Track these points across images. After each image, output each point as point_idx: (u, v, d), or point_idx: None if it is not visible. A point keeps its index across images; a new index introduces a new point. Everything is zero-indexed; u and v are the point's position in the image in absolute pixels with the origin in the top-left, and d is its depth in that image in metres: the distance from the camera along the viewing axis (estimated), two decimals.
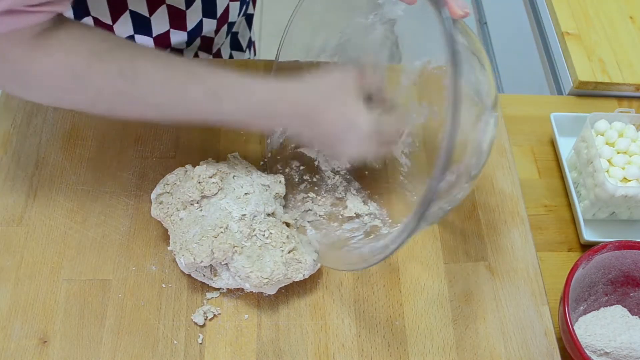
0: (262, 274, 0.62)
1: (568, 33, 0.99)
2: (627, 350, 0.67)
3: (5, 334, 0.62)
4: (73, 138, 0.75)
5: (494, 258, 0.70)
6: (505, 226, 0.73)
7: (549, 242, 0.79)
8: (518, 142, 0.87)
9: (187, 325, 0.64)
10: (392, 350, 0.64)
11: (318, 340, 0.64)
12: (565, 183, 0.83)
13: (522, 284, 0.69)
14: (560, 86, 0.99)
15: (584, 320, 0.70)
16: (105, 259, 0.67)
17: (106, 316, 0.63)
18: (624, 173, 0.78)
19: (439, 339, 0.65)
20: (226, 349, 0.63)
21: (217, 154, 0.75)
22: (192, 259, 0.62)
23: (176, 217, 0.65)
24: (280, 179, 0.70)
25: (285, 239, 0.64)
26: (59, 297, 0.64)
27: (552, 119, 0.86)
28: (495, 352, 0.64)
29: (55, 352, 0.61)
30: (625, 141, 0.80)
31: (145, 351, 0.62)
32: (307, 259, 0.64)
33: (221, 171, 0.66)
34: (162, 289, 0.66)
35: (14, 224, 0.68)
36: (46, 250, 0.67)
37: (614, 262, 0.70)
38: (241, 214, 0.64)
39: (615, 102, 0.94)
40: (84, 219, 0.69)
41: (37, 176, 0.72)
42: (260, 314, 0.65)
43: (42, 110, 0.77)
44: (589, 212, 0.79)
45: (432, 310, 0.66)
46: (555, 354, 0.65)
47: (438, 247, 0.71)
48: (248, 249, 0.63)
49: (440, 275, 0.69)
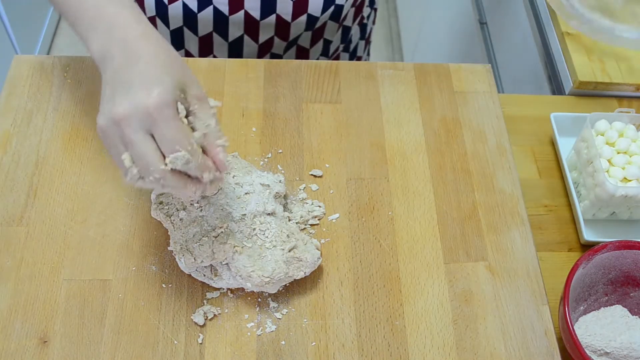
0: (263, 273, 0.62)
1: (568, 33, 0.99)
2: (627, 350, 0.67)
3: (5, 334, 0.62)
4: (73, 138, 0.75)
5: (494, 258, 0.70)
6: (505, 226, 0.73)
7: (549, 242, 0.79)
8: (518, 142, 0.87)
9: (187, 325, 0.64)
10: (392, 350, 0.64)
11: (318, 340, 0.64)
12: (565, 183, 0.83)
13: (522, 284, 0.69)
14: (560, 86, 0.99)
15: (584, 320, 0.70)
16: (105, 259, 0.67)
17: (106, 316, 0.63)
18: (624, 173, 0.78)
19: (439, 339, 0.65)
20: (226, 349, 0.63)
21: None
22: (193, 259, 0.62)
23: (176, 218, 0.65)
24: (280, 178, 0.70)
25: (286, 237, 0.64)
26: (59, 297, 0.64)
27: (552, 119, 0.86)
28: (495, 352, 0.64)
29: (55, 352, 0.61)
30: (625, 141, 0.80)
31: (145, 351, 0.62)
32: (308, 256, 0.64)
33: None
34: (162, 289, 0.66)
35: (14, 224, 0.68)
36: (46, 250, 0.67)
37: (614, 262, 0.70)
38: (241, 214, 0.64)
39: (615, 102, 0.94)
40: (84, 219, 0.69)
41: (37, 176, 0.72)
42: (261, 314, 0.65)
43: (42, 110, 0.77)
44: (589, 212, 0.79)
45: (432, 310, 0.66)
46: (555, 354, 0.65)
47: (438, 247, 0.71)
48: (249, 248, 0.63)
49: (440, 275, 0.69)
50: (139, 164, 0.53)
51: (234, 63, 0.83)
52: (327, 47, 0.98)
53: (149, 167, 0.53)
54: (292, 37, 0.92)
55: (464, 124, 0.81)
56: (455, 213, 0.73)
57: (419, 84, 0.84)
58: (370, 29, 1.07)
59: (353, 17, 0.97)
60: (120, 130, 0.52)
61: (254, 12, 0.87)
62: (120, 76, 0.54)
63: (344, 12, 0.92)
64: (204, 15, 0.88)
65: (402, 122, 0.80)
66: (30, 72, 0.80)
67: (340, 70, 0.84)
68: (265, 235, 0.64)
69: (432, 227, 0.72)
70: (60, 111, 0.77)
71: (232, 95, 0.81)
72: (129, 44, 0.55)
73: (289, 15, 0.88)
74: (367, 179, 0.75)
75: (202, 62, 0.83)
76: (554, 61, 1.03)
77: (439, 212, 0.73)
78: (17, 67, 0.80)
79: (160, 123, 0.52)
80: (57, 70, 0.81)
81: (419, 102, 0.82)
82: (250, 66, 0.83)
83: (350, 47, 1.03)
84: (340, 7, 0.90)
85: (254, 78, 0.82)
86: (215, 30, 0.90)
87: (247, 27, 0.89)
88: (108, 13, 0.57)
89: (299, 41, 0.94)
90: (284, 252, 0.63)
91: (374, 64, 0.85)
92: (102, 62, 0.57)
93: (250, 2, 0.86)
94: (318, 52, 0.97)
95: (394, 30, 2.41)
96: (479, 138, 0.80)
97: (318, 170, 0.75)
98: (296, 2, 0.86)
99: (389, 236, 0.71)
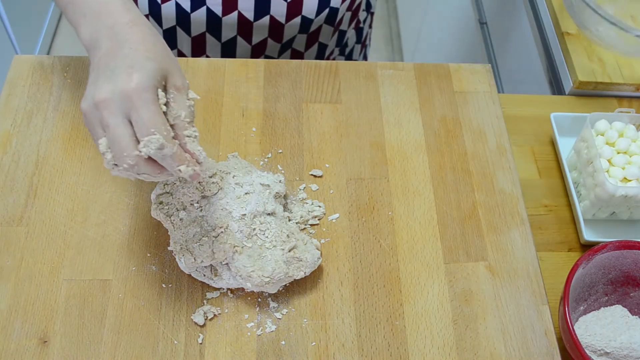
0: (263, 273, 0.62)
1: (568, 33, 0.99)
2: (627, 350, 0.67)
3: (5, 334, 0.62)
4: (73, 138, 0.75)
5: (494, 258, 0.70)
6: (505, 226, 0.73)
7: (549, 242, 0.79)
8: (518, 142, 0.87)
9: (187, 325, 0.64)
10: (392, 350, 0.64)
11: (318, 340, 0.64)
12: (565, 183, 0.83)
13: (522, 284, 0.69)
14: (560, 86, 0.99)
15: (584, 320, 0.70)
16: (105, 259, 0.67)
17: (106, 316, 0.63)
18: (624, 173, 0.78)
19: (439, 339, 0.65)
20: (226, 349, 0.63)
21: (217, 154, 0.75)
22: (193, 259, 0.62)
23: (176, 218, 0.65)
24: (280, 178, 0.70)
25: (286, 237, 0.64)
26: (59, 297, 0.64)
27: (552, 119, 0.86)
28: (495, 352, 0.64)
29: (55, 352, 0.61)
30: (625, 141, 0.80)
31: (145, 351, 0.62)
32: (308, 256, 0.64)
33: (221, 171, 0.66)
34: (162, 288, 0.66)
35: (14, 224, 0.68)
36: (46, 250, 0.67)
37: (614, 262, 0.70)
38: (241, 214, 0.64)
39: (615, 102, 0.94)
40: (84, 219, 0.69)
41: (37, 176, 0.72)
42: (261, 314, 0.65)
43: (42, 110, 0.77)
44: (589, 212, 0.79)
45: (432, 310, 0.66)
46: (555, 354, 0.65)
47: (438, 247, 0.71)
48: (249, 248, 0.63)
49: (440, 275, 0.69)
50: (114, 149, 0.53)
51: (234, 63, 0.83)
52: (323, 50, 0.97)
53: (122, 153, 0.52)
54: (285, 39, 0.92)
55: (464, 124, 0.81)
56: (455, 213, 0.73)
57: (419, 84, 0.84)
58: (367, 33, 1.06)
59: (349, 21, 0.97)
60: (100, 113, 0.53)
61: (248, 13, 0.87)
62: (106, 61, 0.54)
63: (339, 16, 0.92)
64: (197, 16, 0.87)
65: (402, 122, 0.80)
66: (30, 72, 0.80)
67: (340, 70, 0.84)
68: (265, 235, 0.64)
69: (432, 227, 0.72)
70: (60, 111, 0.77)
71: (232, 95, 0.81)
72: (117, 31, 0.56)
73: (282, 17, 0.88)
74: (367, 179, 0.75)
75: (201, 62, 0.83)
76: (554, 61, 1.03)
77: (439, 212, 0.73)
78: (17, 67, 0.80)
79: (138, 107, 0.52)
80: (57, 70, 0.81)
81: (419, 102, 0.82)
82: (250, 66, 0.83)
83: (345, 51, 1.03)
84: (335, 10, 0.90)
85: (254, 78, 0.82)
86: (208, 31, 0.90)
87: (241, 28, 0.89)
88: (98, 0, 0.58)
89: (294, 44, 0.93)
90: (284, 252, 0.63)
91: (374, 64, 0.85)
92: (90, 48, 0.57)
93: (244, 3, 0.86)
94: (313, 56, 0.97)
95: (394, 30, 2.41)
96: (479, 138, 0.80)
97: (318, 170, 0.75)
98: (290, 3, 0.86)
99: (389, 236, 0.71)
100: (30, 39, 2.10)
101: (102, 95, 0.52)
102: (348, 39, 1.01)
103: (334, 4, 0.89)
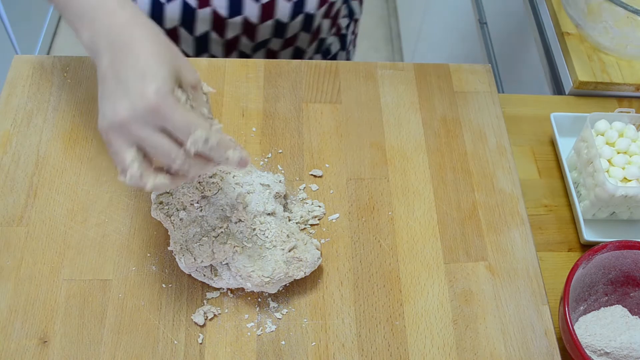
0: (263, 274, 0.62)
1: (568, 33, 0.99)
2: (627, 350, 0.67)
3: (5, 334, 0.62)
4: (73, 138, 0.75)
5: (494, 258, 0.70)
6: (505, 226, 0.73)
7: (549, 242, 0.79)
8: (518, 142, 0.87)
9: (187, 325, 0.64)
10: (392, 350, 0.64)
11: (318, 340, 0.64)
12: (565, 183, 0.83)
13: (522, 284, 0.69)
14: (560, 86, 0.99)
15: (584, 320, 0.70)
16: (105, 259, 0.67)
17: (106, 316, 0.63)
18: (624, 173, 0.78)
19: (439, 339, 0.65)
20: (226, 349, 0.63)
21: None
22: (193, 259, 0.62)
23: (176, 218, 0.65)
24: (280, 178, 0.70)
25: (286, 237, 0.64)
26: (59, 297, 0.64)
27: (552, 119, 0.86)
28: (495, 352, 0.64)
29: (55, 352, 0.61)
30: (625, 141, 0.80)
31: (145, 351, 0.62)
32: (308, 256, 0.64)
33: (221, 171, 0.66)
34: (162, 289, 0.66)
35: (14, 224, 0.68)
36: (46, 250, 0.67)
37: (614, 262, 0.70)
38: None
39: (615, 102, 0.94)
40: (84, 219, 0.69)
41: (37, 176, 0.72)
42: (261, 314, 0.65)
43: (42, 110, 0.77)
44: (589, 212, 0.79)
45: (432, 310, 0.66)
46: (555, 354, 0.65)
47: (438, 247, 0.71)
48: (249, 248, 0.63)
49: (440, 275, 0.69)
50: (158, 155, 0.52)
51: (234, 63, 0.83)
52: (300, 54, 0.96)
53: (170, 155, 0.52)
54: (260, 40, 0.90)
55: (464, 124, 0.81)
56: (455, 213, 0.73)
57: (419, 84, 0.84)
58: (351, 40, 1.04)
59: (329, 28, 0.95)
60: (127, 131, 0.52)
61: (222, 10, 0.85)
62: (114, 72, 0.53)
63: (316, 23, 0.90)
64: (171, 8, 0.85)
65: (402, 122, 0.80)
66: (30, 72, 0.80)
67: (340, 70, 0.84)
68: (265, 235, 0.64)
69: (432, 227, 0.72)
70: (60, 111, 0.77)
71: (232, 95, 0.81)
72: (116, 34, 0.54)
73: (256, 18, 0.86)
74: (367, 179, 0.75)
75: (201, 62, 0.83)
76: (554, 61, 1.03)
77: (439, 212, 0.73)
78: (17, 67, 0.80)
79: (167, 117, 0.51)
80: (57, 70, 0.81)
81: (419, 102, 0.82)
82: (250, 66, 0.83)
83: (328, 58, 1.01)
84: (311, 16, 0.88)
85: (254, 78, 0.82)
86: (182, 25, 0.88)
87: (215, 24, 0.87)
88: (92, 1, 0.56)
89: (270, 45, 0.92)
90: (284, 252, 0.63)
91: (374, 63, 0.85)
92: (93, 54, 0.56)
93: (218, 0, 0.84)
94: (288, 56, 0.96)
95: (394, 30, 2.41)
96: (479, 138, 0.80)
97: (318, 170, 0.75)
98: (265, 4, 0.85)
99: (389, 236, 0.71)
100: (30, 39, 2.10)
101: (123, 113, 0.51)
102: (331, 44, 0.99)
103: (309, 9, 0.87)
